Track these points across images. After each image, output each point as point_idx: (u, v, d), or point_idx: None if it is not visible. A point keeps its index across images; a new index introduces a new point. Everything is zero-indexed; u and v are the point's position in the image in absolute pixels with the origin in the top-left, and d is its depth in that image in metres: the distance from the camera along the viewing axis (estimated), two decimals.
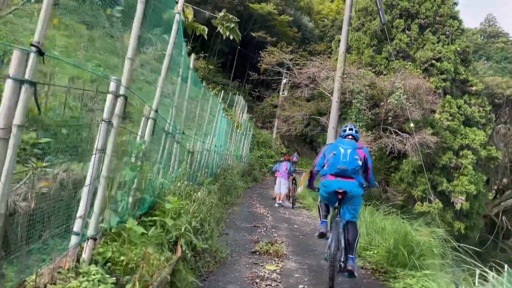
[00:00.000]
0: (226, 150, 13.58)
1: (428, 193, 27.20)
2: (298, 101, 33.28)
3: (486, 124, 31.10)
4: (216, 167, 10.89)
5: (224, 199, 11.28)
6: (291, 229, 8.78)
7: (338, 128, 18.86)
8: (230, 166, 14.93)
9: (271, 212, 11.14)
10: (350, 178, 4.67)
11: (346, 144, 4.86)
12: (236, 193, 13.28)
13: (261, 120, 40.75)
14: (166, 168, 4.77)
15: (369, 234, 6.85)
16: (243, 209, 10.92)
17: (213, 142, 9.61)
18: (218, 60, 46.18)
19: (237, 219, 9.12)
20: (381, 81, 26.95)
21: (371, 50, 31.53)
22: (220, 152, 11.97)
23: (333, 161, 4.72)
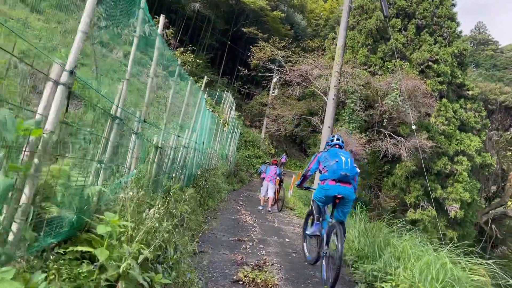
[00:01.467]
0: (210, 148, 12.11)
1: (422, 199, 26.13)
2: (289, 100, 31.95)
3: (481, 130, 30.22)
4: (196, 167, 9.43)
5: (204, 204, 9.83)
6: (282, 244, 7.37)
7: (334, 128, 17.57)
8: (215, 166, 13.48)
9: (258, 221, 9.72)
10: (349, 184, 5.07)
11: (344, 154, 5.29)
12: (219, 197, 11.83)
13: (249, 119, 39.32)
14: (111, 169, 3.31)
15: (381, 257, 5.49)
16: (226, 217, 9.47)
17: (193, 137, 8.15)
18: (207, 55, 44.60)
19: (219, 230, 7.68)
20: (377, 81, 25.77)
21: (366, 50, 30.36)
22: (202, 150, 10.51)
23: (336, 168, 5.04)
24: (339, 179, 5.01)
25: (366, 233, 6.51)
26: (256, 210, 11.46)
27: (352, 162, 5.22)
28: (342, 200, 5.09)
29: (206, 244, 6.25)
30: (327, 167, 5.18)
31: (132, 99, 15.32)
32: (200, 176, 9.47)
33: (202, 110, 8.52)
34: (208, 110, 11.04)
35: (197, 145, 9.08)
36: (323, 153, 5.53)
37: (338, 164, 5.06)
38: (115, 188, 3.29)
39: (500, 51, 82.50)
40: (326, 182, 5.12)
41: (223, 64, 45.60)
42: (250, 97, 44.29)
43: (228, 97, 31.17)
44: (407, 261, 4.79)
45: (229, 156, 17.82)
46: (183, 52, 31.03)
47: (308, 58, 26.63)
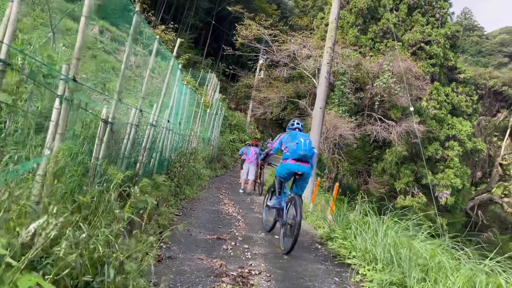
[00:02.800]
0: (189, 130, 10.79)
1: (412, 186, 25.35)
2: (275, 82, 30.58)
3: (472, 114, 29.53)
4: (171, 151, 8.12)
5: (181, 193, 8.57)
6: (270, 241, 6.18)
7: (326, 108, 16.36)
8: (194, 150, 12.18)
9: (242, 212, 8.51)
10: (307, 163, 5.63)
11: (304, 136, 5.80)
12: (199, 184, 10.59)
13: (235, 102, 37.89)
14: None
15: (397, 263, 4.34)
16: (205, 208, 8.24)
17: (165, 115, 6.84)
18: (191, 35, 42.72)
19: (195, 225, 6.45)
20: (368, 62, 24.59)
21: (356, 30, 29.10)
22: (179, 132, 9.19)
23: (296, 148, 5.58)
24: (299, 158, 5.59)
25: (374, 231, 5.35)
26: (240, 200, 10.25)
27: (310, 144, 5.74)
28: (301, 177, 5.73)
29: (177, 246, 5.01)
30: (288, 147, 5.73)
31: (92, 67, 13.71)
32: (176, 161, 8.17)
33: (176, 83, 7.19)
34: (187, 86, 9.68)
35: (171, 125, 7.77)
36: (285, 135, 6.05)
37: (298, 145, 5.61)
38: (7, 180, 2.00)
39: (485, 37, 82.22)
40: (288, 160, 5.69)
41: (207, 45, 43.83)
42: (235, 79, 42.75)
43: (212, 78, 29.71)
44: (438, 273, 3.63)
45: (212, 139, 16.51)
46: (164, 30, 29.32)
47: (296, 37, 25.22)
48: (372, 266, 4.81)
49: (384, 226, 5.36)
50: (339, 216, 7.07)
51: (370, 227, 5.58)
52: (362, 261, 5.05)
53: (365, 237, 5.51)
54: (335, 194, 7.97)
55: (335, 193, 8.00)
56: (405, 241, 4.78)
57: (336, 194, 8.01)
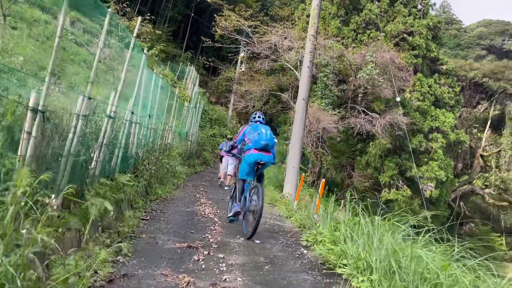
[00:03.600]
0: (162, 124, 9.93)
1: (396, 179, 25.00)
2: (257, 75, 29.80)
3: (455, 106, 29.36)
4: (139, 147, 7.29)
5: (152, 193, 7.77)
6: (250, 248, 5.44)
7: (309, 101, 15.67)
8: (169, 146, 11.35)
9: (221, 213, 7.76)
10: (268, 152, 6.02)
11: (265, 127, 6.22)
12: (174, 183, 9.78)
13: (215, 96, 36.96)
14: None
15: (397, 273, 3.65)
16: (179, 209, 7.45)
17: (129, 107, 6.02)
18: (169, 28, 41.46)
19: (164, 230, 5.66)
20: (350, 53, 24.03)
21: (338, 21, 28.53)
22: (148, 125, 8.34)
23: (257, 139, 5.95)
24: (261, 148, 5.88)
25: (367, 234, 4.67)
26: (219, 198, 9.49)
27: (271, 134, 6.06)
28: (264, 166, 6.01)
29: (138, 259, 4.22)
30: (251, 138, 6.02)
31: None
32: (144, 158, 7.35)
33: (142, 69, 6.35)
34: (158, 75, 8.82)
35: (138, 118, 6.95)
36: (248, 127, 6.35)
37: (260, 135, 5.90)
38: None
39: (463, 30, 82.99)
40: (251, 151, 5.95)
41: (187, 38, 42.64)
42: (216, 73, 41.75)
43: (191, 71, 28.74)
44: None
45: (190, 134, 15.67)
46: (140, 22, 28.14)
47: (277, 28, 24.47)
48: (367, 277, 4.13)
49: (381, 229, 4.67)
50: (326, 216, 6.39)
51: (363, 230, 4.89)
52: (355, 270, 4.36)
53: (358, 241, 4.83)
54: (321, 191, 7.29)
55: (321, 190, 7.33)
56: (406, 248, 4.10)
57: (322, 191, 7.33)
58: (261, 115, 6.65)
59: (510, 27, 75.42)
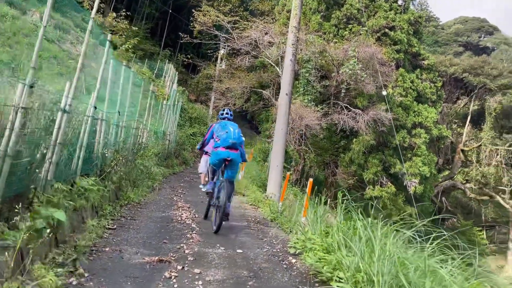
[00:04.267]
0: (135, 121, 9.15)
1: (380, 175, 24.69)
2: (237, 72, 29.07)
3: (437, 101, 29.28)
4: (106, 146, 6.52)
5: (123, 197, 7.02)
6: (231, 259, 4.77)
7: (292, 95, 15.06)
8: (144, 145, 10.58)
9: (199, 217, 7.07)
10: (236, 150, 6.18)
11: (233, 125, 6.31)
12: (148, 185, 9.03)
13: (195, 94, 36.07)
14: None
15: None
16: (152, 215, 6.73)
17: (92, 101, 5.27)
18: (147, 25, 40.34)
19: (133, 241, 4.94)
20: (332, 49, 23.56)
21: (319, 16, 28.06)
22: (119, 123, 7.57)
23: (226, 137, 6.10)
24: (228, 146, 6.02)
25: (366, 241, 4.07)
26: (198, 201, 8.78)
27: (239, 133, 6.24)
28: (231, 163, 6.12)
29: (97, 279, 3.51)
30: (219, 136, 6.17)
31: None
32: (113, 159, 6.59)
33: (105, 58, 5.60)
34: (127, 67, 8.05)
35: (104, 115, 6.19)
36: (216, 125, 6.50)
37: (228, 134, 6.05)
38: None
39: (441, 27, 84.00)
40: (219, 148, 6.11)
41: (165, 35, 41.58)
42: (196, 71, 40.82)
43: (170, 69, 27.83)
44: None
45: (168, 133, 14.88)
46: (115, 18, 27.09)
47: (257, 23, 23.82)
48: None
49: (380, 234, 4.07)
50: (316, 219, 5.77)
51: (360, 236, 4.29)
52: (354, 285, 3.75)
53: (354, 249, 4.22)
54: (308, 191, 6.68)
55: (308, 190, 6.71)
56: (415, 259, 3.50)
57: (310, 191, 6.73)
58: (229, 111, 6.82)
59: (485, 24, 76.60)
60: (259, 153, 26.78)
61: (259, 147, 28.28)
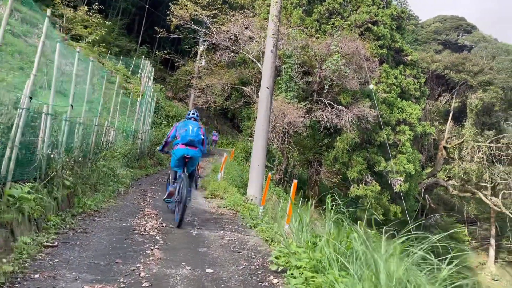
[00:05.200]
0: (97, 117, 8.10)
1: (365, 174, 24.06)
2: (217, 68, 28.10)
3: (420, 97, 28.89)
4: (53, 146, 5.50)
5: (77, 205, 6.02)
6: (198, 282, 3.84)
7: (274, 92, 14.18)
8: (110, 144, 9.55)
9: (165, 226, 6.11)
10: (195, 147, 6.46)
11: (193, 124, 6.58)
12: (113, 189, 8.01)
13: (174, 91, 34.88)
14: None
15: None
16: (110, 225, 5.74)
17: (26, 90, 4.28)
18: (123, 20, 38.97)
19: (75, 262, 3.97)
20: (315, 44, 22.81)
21: (300, 11, 27.34)
22: (73, 119, 6.55)
23: (184, 135, 6.40)
24: (187, 143, 6.39)
25: (367, 260, 3.22)
26: (169, 208, 7.80)
27: (198, 131, 6.52)
28: (190, 160, 6.48)
29: None
30: (180, 134, 6.50)
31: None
32: (60, 161, 5.56)
33: (43, 39, 4.60)
34: (79, 53, 7.01)
35: (50, 108, 5.19)
36: (179, 123, 6.79)
37: (187, 132, 6.41)
38: None
39: (420, 26, 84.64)
40: (178, 146, 6.47)
41: (142, 32, 40.29)
42: (174, 68, 39.62)
43: (146, 66, 26.66)
44: None
45: (140, 132, 13.82)
46: (87, 12, 25.78)
47: (237, 17, 22.89)
48: None
49: (383, 252, 3.21)
50: (301, 228, 4.90)
51: (358, 255, 3.43)
52: None
53: (350, 270, 3.36)
54: (292, 194, 5.80)
55: (292, 193, 5.83)
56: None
57: (294, 194, 5.85)
58: (196, 112, 7.05)
59: (464, 23, 77.42)
60: (241, 152, 25.89)
61: (241, 146, 27.40)
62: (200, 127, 6.69)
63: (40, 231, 4.56)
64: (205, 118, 34.99)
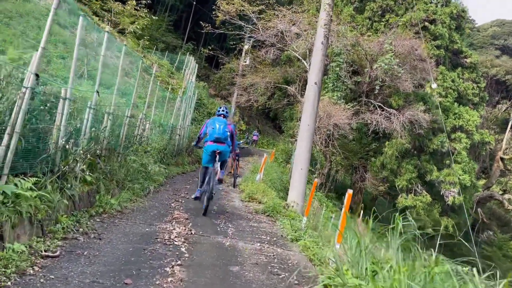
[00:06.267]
0: (129, 109, 7.44)
1: (415, 183, 22.39)
2: (261, 66, 27.27)
3: (479, 103, 26.66)
4: (71, 135, 4.80)
5: (97, 205, 5.32)
6: None
7: (322, 85, 13.14)
8: (144, 139, 8.91)
9: (195, 234, 5.29)
10: (222, 143, 6.82)
11: (220, 121, 6.89)
12: (143, 187, 7.31)
13: (218, 89, 34.44)
14: None
15: None
16: (131, 230, 4.98)
17: (32, 66, 3.56)
18: (170, 17, 39.07)
19: (75, 278, 3.20)
20: (366, 42, 21.47)
21: (351, 8, 26.05)
22: (99, 107, 5.88)
23: (212, 132, 6.79)
24: (215, 140, 6.75)
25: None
26: (199, 210, 6.98)
27: (224, 128, 6.81)
28: (221, 154, 6.77)
29: None
30: (208, 131, 6.88)
31: None
32: (77, 154, 4.85)
33: (54, 13, 3.88)
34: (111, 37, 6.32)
35: (68, 92, 4.49)
36: (209, 121, 7.10)
37: (213, 130, 6.77)
38: None
39: (476, 29, 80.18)
40: (208, 142, 6.84)
41: (188, 29, 40.22)
42: (219, 67, 39.23)
43: (190, 62, 26.30)
44: None
45: (179, 128, 13.21)
46: (134, 7, 25.81)
47: (284, 12, 21.92)
48: None
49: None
50: (359, 251, 3.88)
51: None
52: None
53: None
54: (346, 207, 4.78)
55: (346, 205, 4.82)
56: None
57: (348, 207, 4.84)
58: (225, 109, 7.36)
59: None
60: (281, 153, 24.97)
61: (282, 147, 26.45)
62: (228, 124, 6.97)
63: (45, 235, 3.85)
64: (246, 118, 34.28)
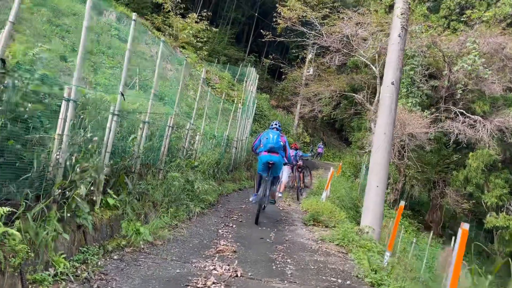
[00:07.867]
0: (172, 116, 6.42)
1: (507, 199, 19.35)
2: (325, 74, 25.78)
3: None
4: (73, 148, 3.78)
5: (120, 236, 4.25)
6: None
7: (400, 85, 11.43)
8: (191, 152, 7.88)
9: (239, 275, 4.00)
10: (276, 154, 7.02)
11: (273, 132, 7.19)
12: (186, 209, 6.19)
13: (280, 101, 33.35)
14: None
15: None
16: (156, 270, 3.79)
17: None
18: (232, 30, 38.94)
19: None
20: (444, 42, 19.18)
21: (425, 8, 23.73)
22: (120, 112, 4.88)
23: (266, 142, 7.06)
24: (269, 150, 6.99)
25: None
26: (257, 236, 5.68)
27: (278, 138, 7.08)
28: (273, 165, 6.98)
29: None
30: (263, 142, 7.18)
31: None
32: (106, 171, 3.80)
33: None
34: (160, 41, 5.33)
35: (72, 92, 3.48)
36: (263, 133, 7.43)
37: (267, 140, 7.06)
38: None
39: None
40: (262, 153, 7.10)
41: (250, 41, 39.87)
42: (281, 78, 38.28)
43: (252, 73, 25.53)
44: None
45: (235, 140, 12.16)
46: (195, 19, 25.71)
47: (350, 15, 20.33)
48: None
49: None
50: None
51: None
52: None
53: None
54: (397, 219, 3.19)
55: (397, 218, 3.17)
56: None
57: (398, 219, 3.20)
58: (278, 123, 7.63)
59: None
60: (349, 167, 23.10)
61: (349, 160, 24.59)
62: (281, 135, 7.19)
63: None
64: (310, 129, 32.76)
